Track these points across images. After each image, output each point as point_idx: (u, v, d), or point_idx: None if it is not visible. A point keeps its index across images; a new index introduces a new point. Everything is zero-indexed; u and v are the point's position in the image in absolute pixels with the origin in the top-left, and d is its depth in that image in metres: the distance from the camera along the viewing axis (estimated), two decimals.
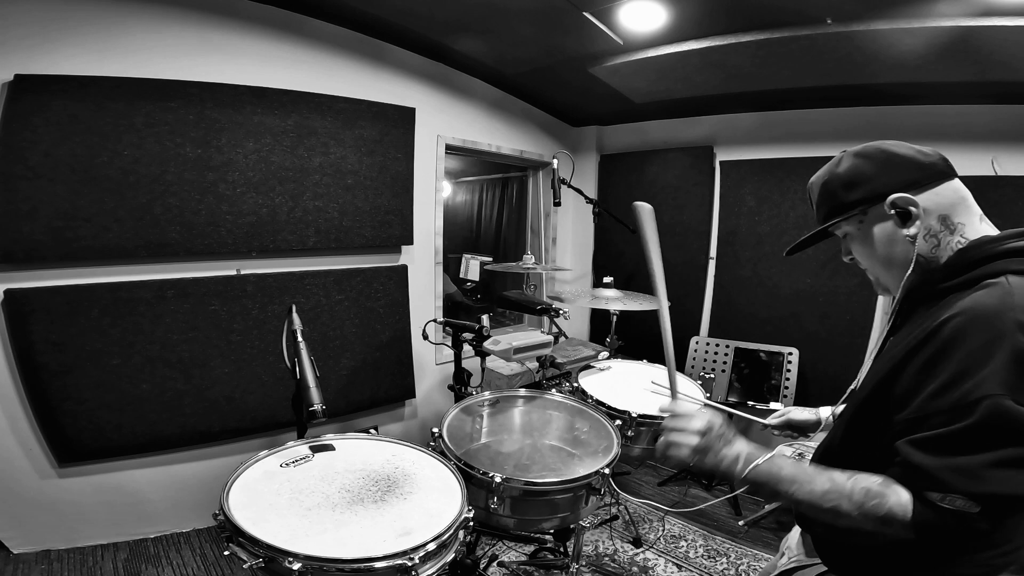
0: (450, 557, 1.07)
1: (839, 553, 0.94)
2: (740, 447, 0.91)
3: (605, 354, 2.46)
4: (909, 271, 0.85)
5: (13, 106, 1.71)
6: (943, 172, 0.86)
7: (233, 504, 1.06)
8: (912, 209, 0.83)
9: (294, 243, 2.34)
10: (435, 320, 2.62)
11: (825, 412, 1.25)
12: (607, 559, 2.23)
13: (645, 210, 1.08)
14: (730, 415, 1.37)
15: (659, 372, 2.17)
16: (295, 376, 1.32)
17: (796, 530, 1.11)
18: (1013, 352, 0.67)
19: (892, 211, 0.85)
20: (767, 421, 1.35)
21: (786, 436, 1.32)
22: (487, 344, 2.07)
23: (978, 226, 0.84)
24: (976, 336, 0.70)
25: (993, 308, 0.71)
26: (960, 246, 0.83)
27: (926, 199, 0.83)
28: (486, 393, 1.82)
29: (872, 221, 0.88)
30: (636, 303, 2.28)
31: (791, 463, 0.86)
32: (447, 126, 2.96)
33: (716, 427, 0.92)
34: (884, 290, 0.95)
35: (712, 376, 2.77)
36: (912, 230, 0.84)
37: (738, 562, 2.23)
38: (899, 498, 0.74)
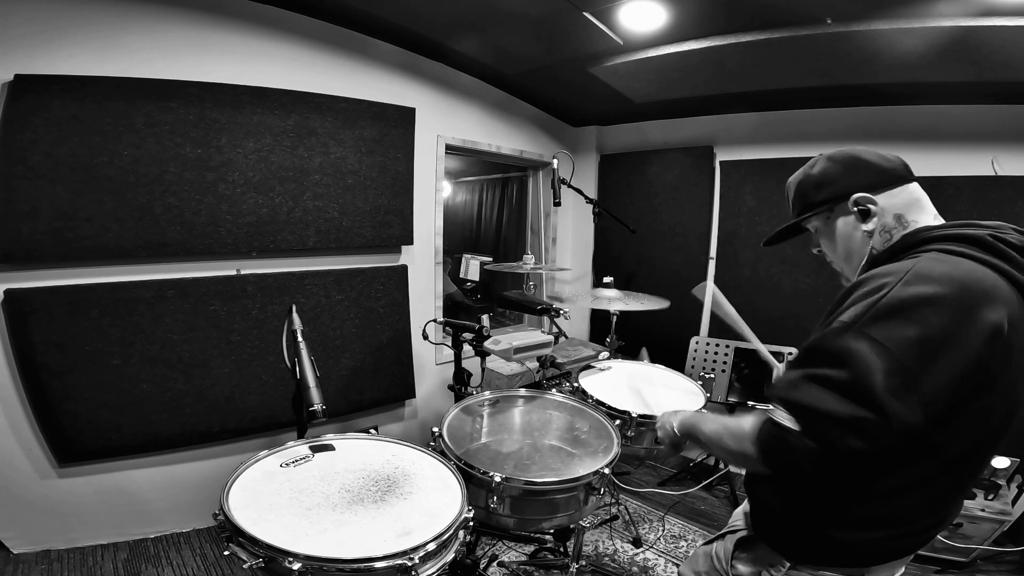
0: (450, 557, 1.07)
1: (768, 521, 1.04)
2: (682, 414, 1.16)
3: (605, 354, 2.46)
4: (863, 262, 0.95)
5: (13, 106, 1.71)
6: (902, 176, 0.94)
7: (233, 504, 1.06)
8: (871, 207, 0.93)
9: (294, 243, 2.34)
10: (435, 320, 2.62)
11: None
12: (607, 559, 2.23)
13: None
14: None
15: (659, 372, 2.17)
16: (295, 376, 1.32)
17: (744, 504, 1.21)
18: (888, 296, 0.75)
19: (854, 208, 0.94)
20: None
21: None
22: (487, 344, 2.07)
23: (930, 223, 0.92)
24: (868, 284, 0.80)
25: (894, 268, 0.80)
26: (904, 234, 0.92)
27: (884, 199, 0.93)
28: (486, 393, 1.82)
29: (837, 217, 0.99)
30: (636, 303, 2.28)
31: (711, 415, 1.06)
32: (447, 126, 2.96)
33: (667, 411, 1.23)
34: (847, 280, 1.03)
35: (712, 376, 2.77)
36: (870, 226, 0.94)
37: None
38: (751, 420, 0.86)
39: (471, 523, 1.14)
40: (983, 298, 0.75)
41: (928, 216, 0.93)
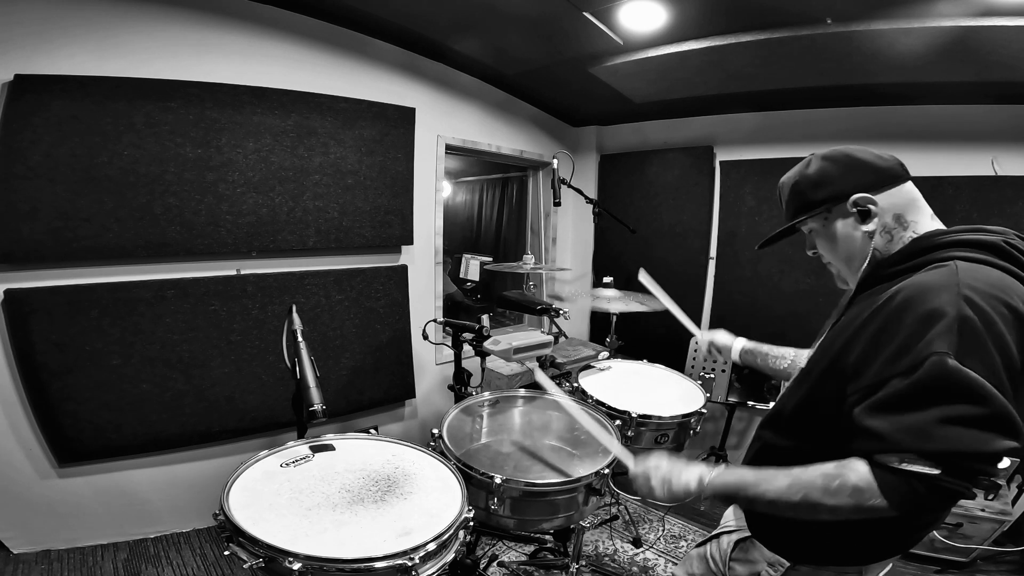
0: (450, 557, 1.07)
1: (766, 525, 1.02)
2: (697, 468, 0.99)
3: (605, 354, 2.45)
4: (865, 264, 0.94)
5: (13, 106, 1.71)
6: (899, 175, 0.93)
7: (233, 504, 1.06)
8: (871, 207, 0.91)
9: (294, 243, 2.34)
10: (435, 320, 2.62)
11: (739, 344, 1.50)
12: (607, 559, 2.23)
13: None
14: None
15: (658, 372, 2.17)
16: (295, 376, 1.32)
17: (734, 504, 1.19)
18: (959, 317, 0.72)
19: (853, 209, 0.93)
20: (697, 333, 1.65)
21: (710, 351, 1.60)
22: (487, 344, 2.07)
23: (928, 223, 0.92)
24: (924, 304, 0.76)
25: (940, 281, 0.77)
26: (913, 238, 0.90)
27: (883, 199, 0.91)
28: (486, 393, 1.82)
29: (835, 218, 0.96)
30: (636, 304, 2.28)
31: (751, 469, 0.91)
32: (447, 126, 2.96)
33: (664, 464, 1.03)
34: (843, 282, 1.03)
35: (712, 376, 2.77)
36: (870, 226, 0.92)
37: None
38: (857, 472, 0.78)
39: (471, 523, 1.14)
40: (1019, 305, 0.75)
41: (925, 216, 0.92)
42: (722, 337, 1.56)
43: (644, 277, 1.83)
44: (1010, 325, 0.72)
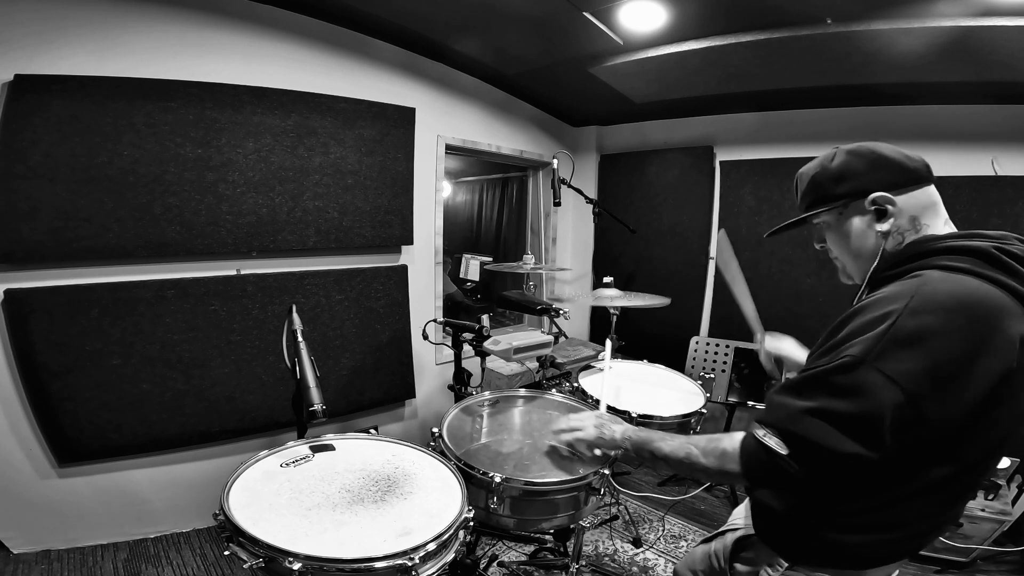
0: (450, 557, 1.06)
1: (768, 524, 1.04)
2: (626, 426, 1.21)
3: (606, 352, 2.45)
4: (875, 263, 0.93)
5: (13, 106, 1.71)
6: (923, 177, 0.92)
7: (233, 504, 1.06)
8: (889, 207, 0.90)
9: (294, 243, 2.34)
10: (435, 320, 2.62)
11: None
12: (607, 559, 2.23)
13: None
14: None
15: (658, 372, 2.17)
16: (295, 376, 1.32)
17: (745, 503, 1.20)
18: (891, 328, 0.74)
19: (871, 208, 0.91)
20: (758, 336, 1.50)
21: (770, 364, 1.46)
22: (487, 344, 2.07)
23: (941, 228, 0.91)
24: (872, 312, 0.78)
25: (900, 293, 0.78)
26: (909, 242, 0.90)
27: (902, 200, 0.90)
28: (486, 393, 1.82)
29: (851, 214, 0.95)
30: (637, 300, 2.28)
31: (665, 432, 1.09)
32: (447, 126, 2.96)
33: (606, 417, 1.27)
34: (848, 277, 1.03)
35: (712, 376, 2.77)
36: (885, 226, 0.90)
37: None
38: (732, 440, 0.91)
39: (471, 523, 1.14)
40: (992, 320, 0.73)
41: (939, 221, 0.91)
42: (792, 349, 1.37)
43: (723, 238, 1.65)
44: (967, 339, 0.72)
